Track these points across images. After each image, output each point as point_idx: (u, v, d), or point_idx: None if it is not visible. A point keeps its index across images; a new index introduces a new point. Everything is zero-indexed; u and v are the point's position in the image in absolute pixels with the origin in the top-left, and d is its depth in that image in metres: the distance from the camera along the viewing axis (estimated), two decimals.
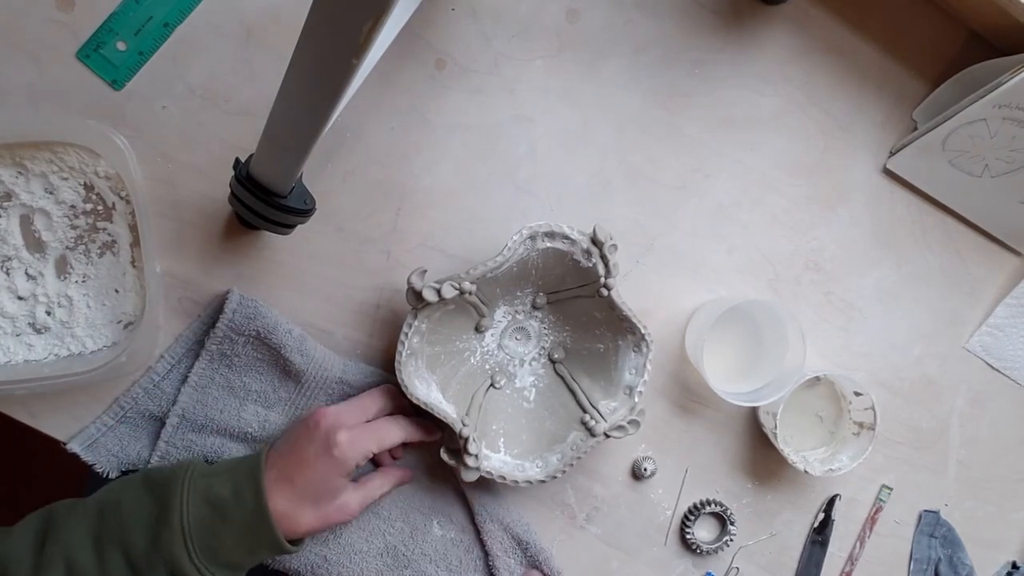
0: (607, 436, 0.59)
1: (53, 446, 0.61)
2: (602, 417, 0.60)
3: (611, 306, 0.59)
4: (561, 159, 0.64)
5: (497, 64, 0.63)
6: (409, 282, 0.55)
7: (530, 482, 0.59)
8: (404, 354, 0.56)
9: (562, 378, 0.63)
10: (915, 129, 0.66)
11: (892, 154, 0.67)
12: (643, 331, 0.60)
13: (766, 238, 0.67)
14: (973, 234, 0.69)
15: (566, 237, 0.57)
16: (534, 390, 0.64)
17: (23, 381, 0.56)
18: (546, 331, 0.64)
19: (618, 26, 0.64)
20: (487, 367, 0.63)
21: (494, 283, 0.60)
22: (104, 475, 0.59)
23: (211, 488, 0.52)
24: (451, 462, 0.59)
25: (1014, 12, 0.59)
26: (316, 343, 0.61)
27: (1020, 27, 0.61)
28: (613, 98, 0.64)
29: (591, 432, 0.59)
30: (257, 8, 0.60)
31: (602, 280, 0.58)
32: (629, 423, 0.59)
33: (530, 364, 0.64)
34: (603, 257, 0.57)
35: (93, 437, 0.59)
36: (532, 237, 0.57)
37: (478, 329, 0.62)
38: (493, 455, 0.60)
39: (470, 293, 0.56)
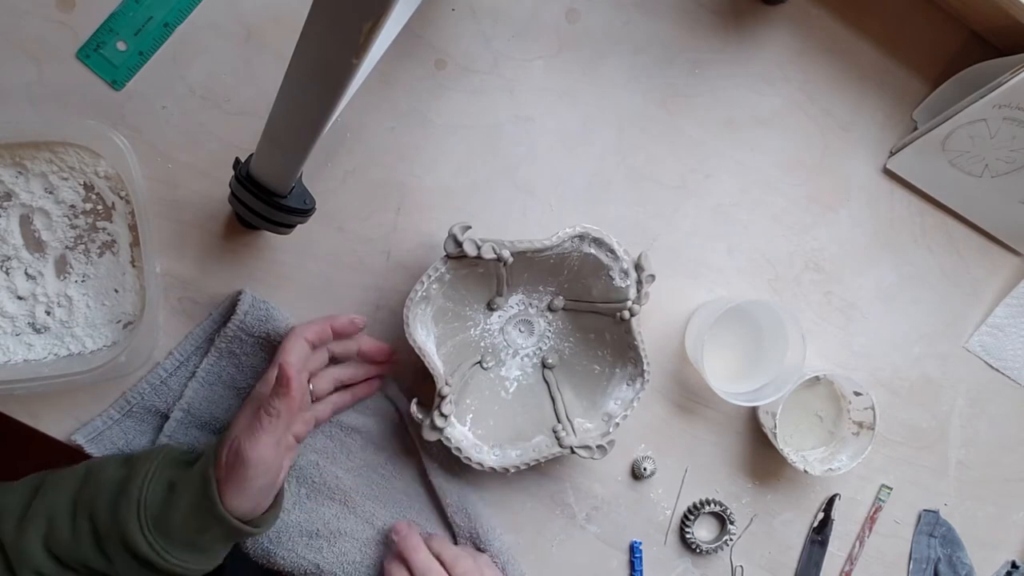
0: (573, 451, 0.59)
1: (53, 446, 0.61)
2: (574, 432, 0.60)
3: (627, 331, 0.59)
4: (561, 159, 0.64)
5: (497, 64, 0.63)
6: (451, 231, 0.55)
7: (481, 465, 0.59)
8: (419, 294, 0.56)
9: (547, 384, 0.63)
10: (915, 129, 0.66)
11: (892, 154, 0.67)
12: (645, 367, 0.60)
13: (766, 238, 0.67)
14: (973, 234, 0.69)
15: (611, 251, 0.58)
16: (515, 384, 0.64)
17: (23, 381, 0.56)
18: (550, 335, 0.64)
19: (618, 26, 0.64)
20: (482, 344, 0.63)
21: (525, 267, 0.60)
22: None
23: (175, 469, 0.53)
24: (418, 417, 0.58)
25: (1014, 12, 0.59)
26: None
27: (1020, 27, 0.61)
28: (613, 98, 0.64)
29: (559, 442, 0.59)
30: (257, 8, 0.60)
31: (629, 302, 0.58)
32: (597, 447, 0.59)
33: (522, 359, 0.64)
34: (639, 282, 0.58)
35: (98, 430, 0.60)
36: (581, 237, 0.57)
37: (490, 306, 0.62)
38: (458, 426, 0.60)
39: (505, 263, 0.56)
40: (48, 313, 0.60)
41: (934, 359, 0.70)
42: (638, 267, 0.59)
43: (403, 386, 0.64)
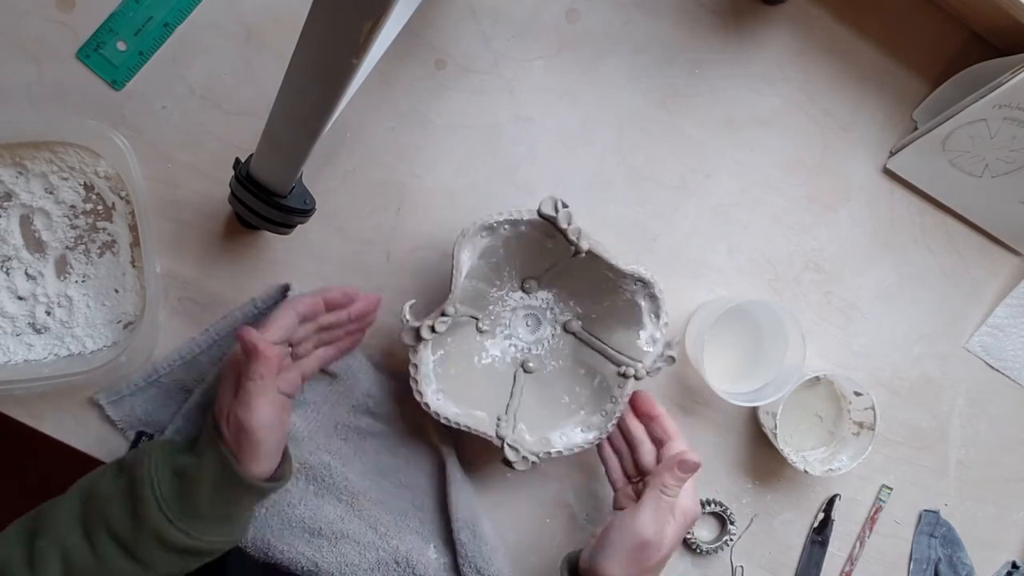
0: (503, 445, 0.59)
1: (53, 446, 0.61)
2: (512, 431, 0.60)
3: (619, 386, 0.59)
4: (561, 159, 0.64)
5: (497, 64, 0.63)
6: (553, 197, 0.55)
7: (420, 395, 0.58)
8: (491, 222, 0.56)
9: (515, 381, 0.63)
10: (915, 129, 0.66)
11: (892, 154, 0.67)
12: (608, 428, 0.59)
13: (766, 238, 0.67)
14: (973, 234, 0.69)
15: (657, 315, 0.58)
16: (491, 360, 0.63)
17: (23, 381, 0.56)
18: (546, 344, 0.63)
19: (618, 26, 0.64)
20: (490, 308, 0.62)
21: (577, 273, 0.59)
22: (124, 433, 0.60)
23: (176, 458, 0.53)
24: (407, 317, 0.57)
25: (1014, 12, 0.59)
26: (358, 353, 0.61)
27: (1020, 27, 0.61)
28: (613, 98, 0.64)
29: (496, 430, 0.59)
30: (257, 8, 0.60)
31: (640, 364, 0.58)
32: (523, 457, 0.59)
33: (510, 346, 0.63)
34: (660, 355, 0.58)
35: (121, 394, 0.60)
36: (644, 283, 0.58)
37: (523, 285, 0.62)
38: (427, 353, 0.59)
39: (576, 253, 0.56)
40: (48, 313, 0.60)
41: (934, 359, 0.70)
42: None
43: (402, 389, 0.64)
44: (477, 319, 0.61)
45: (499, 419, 0.60)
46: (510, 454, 0.58)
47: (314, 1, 0.34)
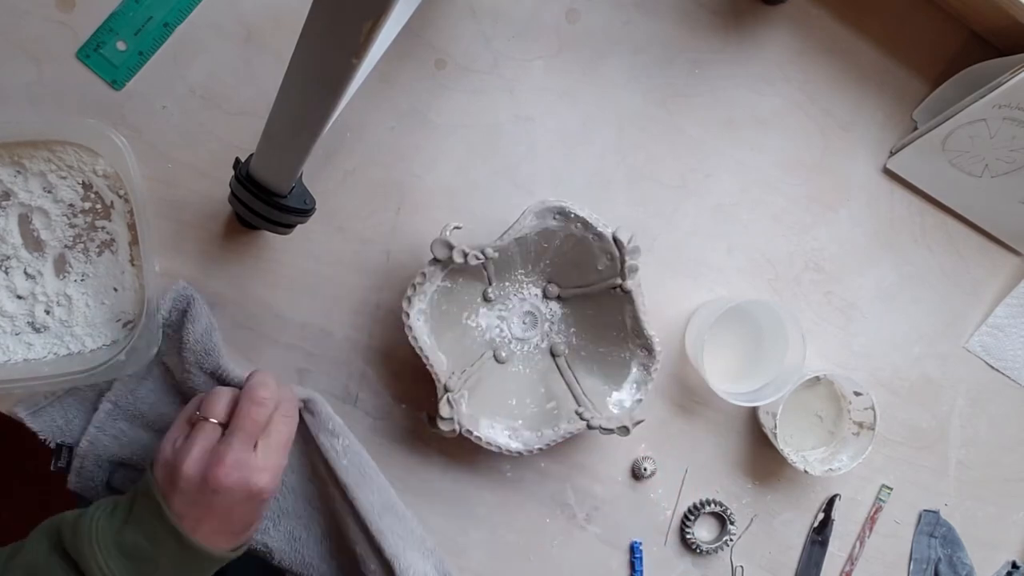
0: (599, 430, 0.58)
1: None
2: (598, 411, 0.60)
3: (629, 302, 0.59)
4: (561, 159, 0.64)
5: (497, 64, 0.63)
6: (444, 237, 0.56)
7: (491, 446, 0.58)
8: (414, 293, 0.57)
9: (560, 371, 0.63)
10: (915, 129, 0.66)
11: (892, 154, 0.67)
12: (653, 344, 0.60)
13: (766, 238, 0.67)
14: (973, 234, 0.69)
15: (583, 222, 0.58)
16: (528, 374, 0.63)
17: (22, 380, 0.56)
18: (554, 323, 0.63)
19: (618, 26, 0.64)
20: (487, 338, 0.63)
21: (514, 254, 0.60)
22: (47, 443, 0.59)
23: (123, 541, 0.47)
24: (430, 419, 0.58)
25: (1014, 12, 0.59)
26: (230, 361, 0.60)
27: (1020, 27, 0.61)
28: (613, 98, 0.64)
29: (589, 424, 0.59)
30: (257, 8, 0.60)
31: (617, 280, 0.58)
32: (619, 428, 0.59)
33: (531, 350, 0.63)
34: (622, 259, 0.58)
35: (39, 404, 0.59)
36: (564, 213, 0.58)
37: (485, 297, 0.62)
38: (496, 426, 0.60)
39: (488, 259, 0.58)
40: (47, 312, 0.60)
41: (934, 359, 0.70)
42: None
43: (401, 390, 0.64)
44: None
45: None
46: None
47: (314, 1, 0.34)
